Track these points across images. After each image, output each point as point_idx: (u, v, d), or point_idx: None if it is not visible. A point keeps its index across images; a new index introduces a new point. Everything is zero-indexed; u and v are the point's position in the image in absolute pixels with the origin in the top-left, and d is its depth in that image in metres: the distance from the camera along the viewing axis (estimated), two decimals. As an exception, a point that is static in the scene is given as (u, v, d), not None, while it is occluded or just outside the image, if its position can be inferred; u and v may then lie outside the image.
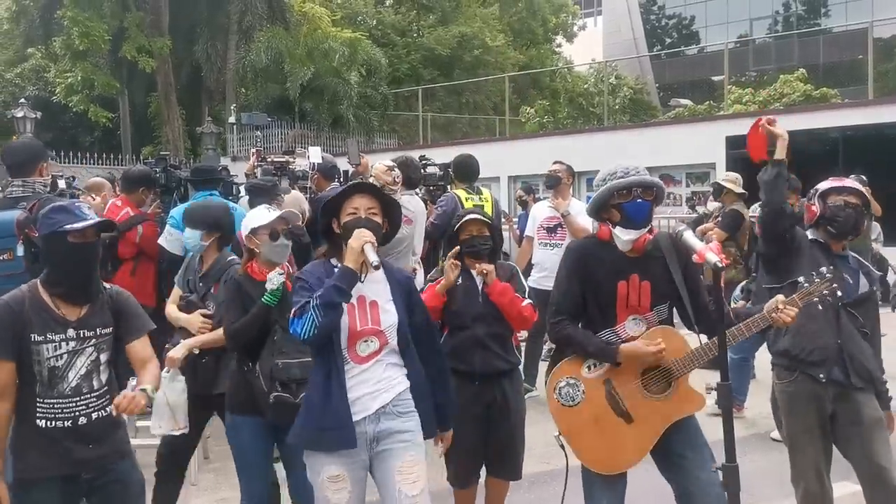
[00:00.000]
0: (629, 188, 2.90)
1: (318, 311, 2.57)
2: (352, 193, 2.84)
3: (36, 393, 2.61)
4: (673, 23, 35.74)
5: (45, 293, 2.67)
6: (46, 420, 2.61)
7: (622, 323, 2.96)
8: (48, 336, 2.61)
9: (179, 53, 22.49)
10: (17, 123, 16.15)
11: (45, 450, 2.60)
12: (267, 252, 3.40)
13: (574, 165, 6.97)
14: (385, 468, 2.75)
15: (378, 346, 2.75)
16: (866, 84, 15.90)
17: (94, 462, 2.69)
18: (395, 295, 2.83)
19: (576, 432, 3.00)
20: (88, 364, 2.67)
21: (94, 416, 2.68)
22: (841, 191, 3.37)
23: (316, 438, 2.72)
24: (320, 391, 2.71)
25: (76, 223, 2.65)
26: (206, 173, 6.06)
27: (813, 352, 3.27)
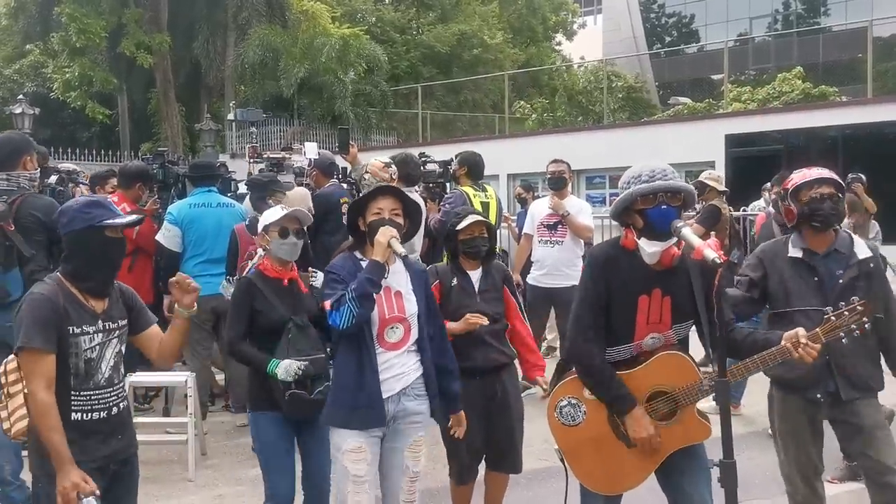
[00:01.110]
0: (654, 194, 2.71)
1: (354, 303, 2.84)
2: (377, 195, 3.09)
3: (70, 386, 2.62)
4: (673, 21, 35.70)
5: (72, 286, 2.69)
6: (82, 413, 2.64)
7: (640, 340, 2.84)
8: (84, 328, 2.65)
9: (178, 50, 22.44)
10: (15, 119, 16.12)
11: (82, 443, 2.60)
12: (276, 249, 3.45)
13: (573, 163, 6.97)
14: (397, 444, 3.05)
15: (403, 332, 3.03)
16: (865, 83, 15.89)
17: (123, 452, 2.76)
18: (415, 286, 3.11)
19: (575, 452, 2.95)
20: (115, 355, 2.74)
21: (122, 406, 2.78)
22: (812, 184, 3.25)
23: (348, 417, 2.96)
24: (353, 374, 2.96)
25: (114, 219, 2.72)
26: (204, 169, 6.06)
27: (802, 376, 3.18)
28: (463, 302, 3.66)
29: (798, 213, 3.27)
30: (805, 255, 3.29)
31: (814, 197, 3.22)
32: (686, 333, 2.91)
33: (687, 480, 2.83)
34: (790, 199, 3.30)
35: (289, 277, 3.48)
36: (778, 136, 15.26)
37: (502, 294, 3.81)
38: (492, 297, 3.75)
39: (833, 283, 3.21)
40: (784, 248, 3.35)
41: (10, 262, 3.99)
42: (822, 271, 3.24)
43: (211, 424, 5.64)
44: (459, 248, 3.74)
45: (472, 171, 6.21)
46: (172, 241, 5.55)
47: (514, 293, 3.88)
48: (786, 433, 3.39)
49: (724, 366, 2.54)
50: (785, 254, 3.33)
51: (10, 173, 4.13)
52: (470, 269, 3.77)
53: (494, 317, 3.70)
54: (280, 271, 3.45)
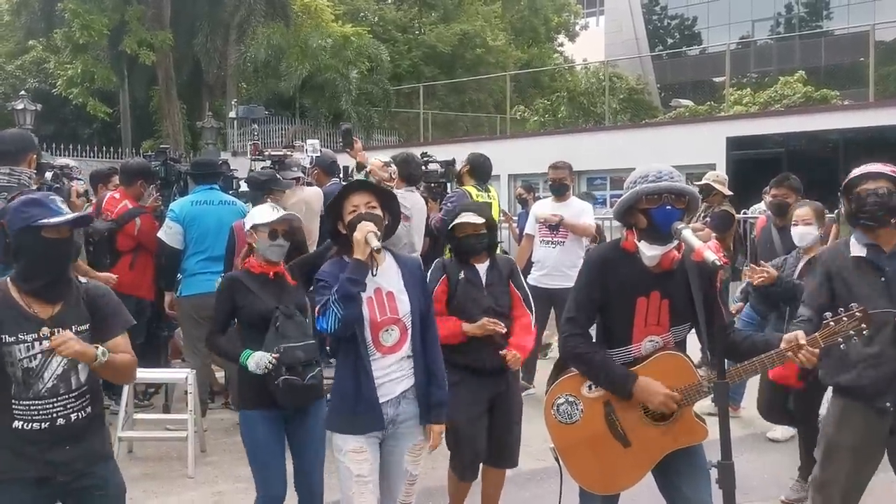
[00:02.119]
0: (659, 194, 2.71)
1: (338, 305, 2.76)
2: (348, 193, 2.99)
3: (11, 394, 2.50)
4: (675, 23, 35.71)
5: (16, 291, 2.55)
6: (23, 422, 2.51)
7: (639, 343, 2.83)
8: (20, 336, 2.49)
9: (181, 48, 22.43)
10: (17, 115, 16.14)
11: (20, 451, 2.51)
12: (263, 249, 3.46)
13: (574, 164, 6.98)
14: (397, 446, 3.01)
15: (399, 335, 2.95)
16: (867, 87, 15.90)
17: (71, 464, 2.58)
18: (407, 283, 3.00)
19: (571, 450, 2.95)
20: (65, 363, 2.54)
21: (73, 417, 2.57)
22: (862, 178, 3.10)
23: (350, 423, 2.93)
24: (351, 380, 2.91)
25: (51, 218, 2.52)
26: (206, 167, 6.07)
27: (872, 384, 3.03)
28: (470, 295, 3.66)
29: (847, 210, 3.17)
30: (870, 252, 3.11)
31: (860, 194, 3.07)
32: (684, 336, 2.90)
33: (685, 482, 2.82)
34: (843, 195, 3.17)
35: (275, 271, 3.47)
36: (779, 139, 15.26)
37: (508, 287, 3.79)
38: (499, 291, 3.73)
39: None
40: (845, 249, 3.19)
41: (9, 260, 3.99)
42: (889, 270, 3.05)
43: (210, 421, 5.65)
44: (456, 246, 3.76)
45: (475, 171, 6.22)
46: (174, 238, 5.55)
47: (520, 286, 3.85)
48: (841, 445, 3.18)
49: (723, 368, 2.54)
50: (846, 254, 3.16)
51: (13, 169, 4.15)
52: (476, 262, 3.75)
53: (501, 311, 3.69)
54: (265, 266, 3.46)
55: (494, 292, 3.71)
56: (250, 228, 3.50)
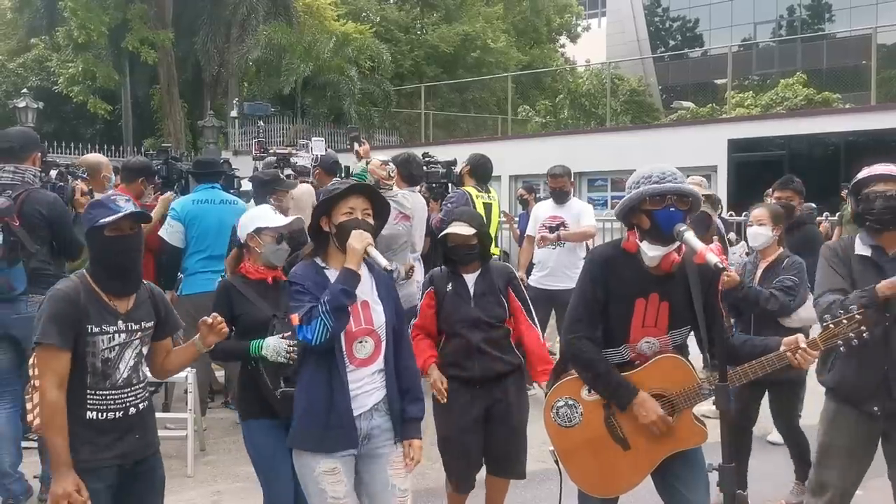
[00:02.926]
0: (663, 195, 2.70)
1: (328, 317, 2.60)
2: (349, 194, 2.81)
3: (87, 385, 2.60)
4: (677, 25, 35.73)
5: (97, 285, 2.68)
6: (98, 412, 2.62)
7: (635, 343, 2.83)
8: (103, 328, 2.62)
9: (182, 46, 22.44)
10: (18, 114, 16.16)
11: (96, 441, 2.61)
12: (269, 254, 3.38)
13: (575, 166, 7.00)
14: (377, 462, 2.82)
15: (373, 346, 2.79)
16: (869, 90, 15.90)
17: (139, 452, 2.72)
18: (380, 293, 2.86)
19: (570, 453, 2.93)
20: (136, 356, 2.70)
21: (140, 407, 2.73)
22: (869, 181, 3.10)
23: (320, 439, 2.73)
24: (322, 393, 2.72)
25: (107, 217, 2.64)
26: (207, 166, 6.07)
27: (858, 387, 3.06)
28: (456, 308, 3.57)
29: (855, 211, 3.18)
30: (874, 253, 3.13)
31: (868, 196, 3.08)
32: (683, 340, 2.89)
33: (684, 485, 2.82)
34: (851, 195, 3.19)
35: (273, 276, 3.40)
36: (780, 141, 15.26)
37: (503, 297, 3.66)
38: (489, 302, 3.61)
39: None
40: (851, 246, 3.20)
41: (14, 257, 4.02)
42: (889, 272, 3.04)
43: (210, 421, 5.65)
44: (447, 254, 3.67)
45: (476, 171, 6.23)
46: (175, 237, 5.55)
47: (520, 294, 3.74)
48: (833, 446, 3.21)
49: (725, 370, 2.54)
50: (853, 251, 3.18)
51: (17, 166, 4.16)
52: (465, 272, 3.65)
53: (491, 321, 3.58)
54: (263, 272, 3.38)
55: (484, 303, 3.59)
56: (253, 231, 3.39)
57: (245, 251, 3.44)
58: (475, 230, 3.62)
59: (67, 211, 4.45)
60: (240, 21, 22.09)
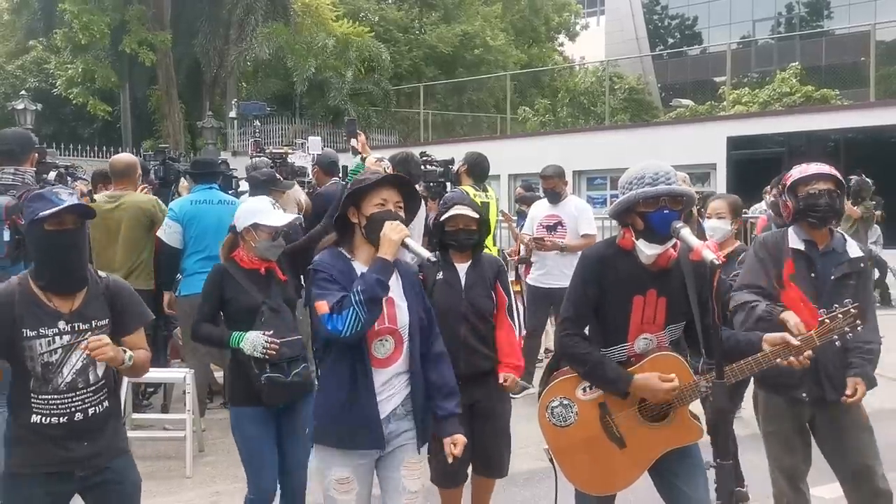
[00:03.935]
0: (656, 198, 2.70)
1: (362, 307, 2.49)
2: (382, 185, 2.70)
3: (30, 388, 2.51)
4: (676, 23, 35.67)
5: (36, 286, 2.55)
6: (41, 416, 2.52)
7: (632, 341, 2.83)
8: (40, 331, 2.50)
9: (181, 48, 22.45)
10: (17, 115, 16.17)
11: (39, 445, 2.53)
12: (264, 249, 3.41)
13: (574, 164, 7.02)
14: (392, 463, 2.75)
15: (393, 346, 2.69)
16: (868, 86, 15.90)
17: (89, 459, 2.59)
18: (406, 291, 2.75)
19: (566, 453, 2.93)
20: (84, 358, 2.54)
21: (90, 412, 2.58)
22: (809, 180, 3.19)
23: (341, 435, 2.66)
24: (346, 390, 2.63)
25: (48, 209, 2.48)
26: (205, 166, 6.06)
27: (786, 374, 3.06)
28: (447, 298, 3.51)
29: (794, 208, 3.24)
30: (807, 247, 3.23)
31: (811, 192, 3.17)
32: (678, 335, 2.89)
33: (683, 481, 2.82)
34: (787, 194, 3.27)
35: (266, 266, 3.43)
36: (779, 138, 15.27)
37: (493, 289, 3.63)
38: (479, 294, 3.57)
39: (826, 281, 3.16)
40: (783, 240, 3.28)
41: (18, 255, 4.05)
42: (819, 268, 3.19)
43: (209, 421, 5.63)
44: (445, 239, 3.60)
45: (473, 170, 6.21)
46: (173, 237, 5.54)
47: (506, 289, 3.71)
48: (771, 434, 3.35)
49: (721, 367, 2.54)
50: (785, 245, 3.26)
51: (18, 168, 4.22)
52: (458, 261, 3.61)
53: (480, 314, 3.56)
54: (256, 262, 3.41)
55: (474, 295, 3.56)
56: (250, 225, 3.38)
57: (240, 239, 3.46)
58: (478, 214, 3.62)
59: None
60: (238, 22, 22.09)
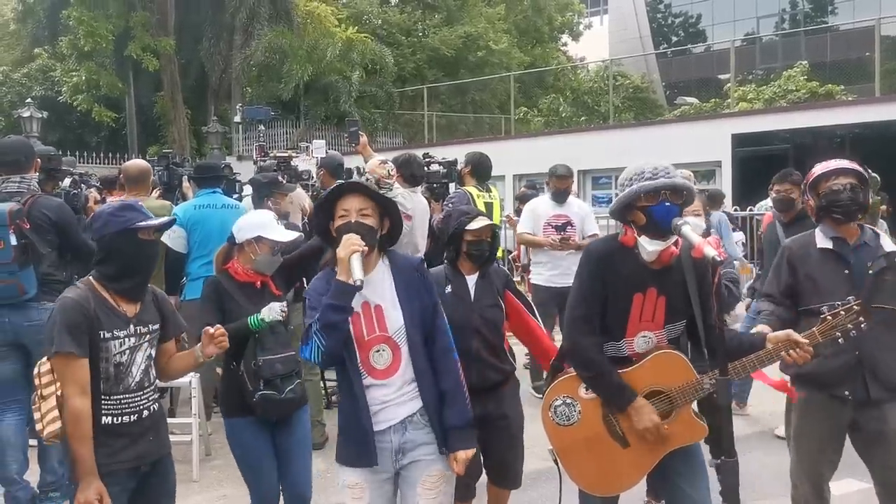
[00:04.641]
0: (657, 191, 2.69)
1: (320, 336, 2.48)
2: (342, 193, 2.63)
3: (101, 390, 2.63)
4: (679, 21, 35.65)
5: (104, 290, 2.70)
6: (112, 416, 2.65)
7: (632, 338, 2.82)
8: (115, 333, 2.66)
9: (185, 53, 22.55)
10: (23, 123, 16.23)
11: (112, 445, 2.63)
12: (263, 263, 3.38)
13: (579, 164, 7.01)
14: (409, 481, 2.65)
15: (391, 355, 2.60)
16: (873, 82, 15.82)
17: (153, 454, 2.76)
18: (401, 291, 2.64)
19: (569, 452, 2.91)
20: (146, 359, 2.74)
21: (153, 409, 2.77)
22: (829, 175, 3.16)
23: (346, 454, 2.67)
24: (347, 407, 2.66)
25: (147, 221, 2.73)
26: (209, 171, 6.07)
27: (830, 373, 3.05)
28: (458, 311, 3.43)
29: (817, 206, 3.20)
30: (835, 244, 3.17)
31: (832, 188, 3.13)
32: (678, 333, 2.87)
33: (685, 481, 2.80)
34: (809, 191, 3.23)
35: (261, 281, 3.40)
36: (785, 135, 15.21)
37: (501, 301, 3.59)
38: (488, 305, 3.53)
39: (863, 275, 3.08)
40: (812, 240, 3.24)
41: (25, 259, 4.08)
42: (854, 262, 3.11)
43: (215, 425, 5.63)
44: (464, 248, 3.52)
45: (476, 170, 6.21)
46: (178, 242, 5.55)
47: (519, 295, 3.70)
48: (804, 434, 3.26)
49: (725, 364, 2.52)
50: (813, 246, 3.22)
51: (24, 176, 4.29)
52: (468, 273, 3.56)
53: (492, 325, 3.52)
54: (252, 275, 3.37)
55: (483, 306, 3.51)
56: (253, 238, 3.34)
57: (236, 250, 3.41)
58: (496, 228, 3.64)
59: (74, 216, 4.56)
60: (242, 26, 22.15)
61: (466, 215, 3.62)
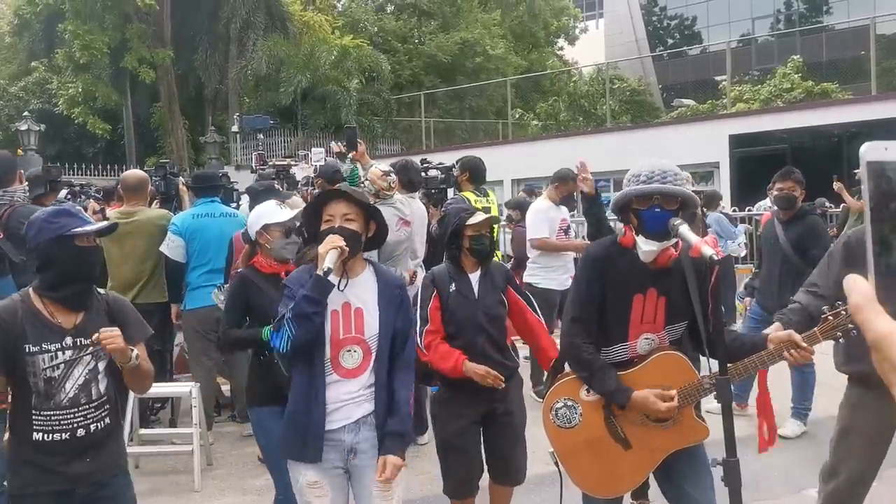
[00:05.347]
0: (648, 196, 2.68)
1: (290, 325, 2.53)
2: (327, 200, 2.75)
3: (32, 405, 2.50)
4: (675, 23, 35.70)
5: (39, 301, 2.56)
6: (43, 433, 2.51)
7: (634, 341, 2.80)
8: (43, 346, 2.50)
9: (182, 64, 22.59)
10: (21, 136, 16.26)
11: (42, 464, 2.51)
12: (279, 249, 3.44)
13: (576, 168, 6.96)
14: (362, 481, 2.71)
15: (361, 357, 2.68)
16: (869, 81, 15.84)
17: (91, 476, 2.58)
18: (382, 301, 2.73)
19: (571, 455, 2.90)
20: (86, 373, 2.56)
21: (92, 428, 2.57)
22: None
23: (300, 449, 2.68)
24: (302, 402, 2.66)
25: (83, 226, 2.58)
26: (206, 180, 6.08)
27: None
28: (462, 308, 3.48)
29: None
30: None
31: None
32: (679, 334, 2.87)
33: (689, 482, 2.79)
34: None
35: (286, 270, 3.42)
36: (782, 135, 15.22)
37: (504, 296, 3.61)
38: (492, 302, 3.55)
39: None
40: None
41: (2, 269, 4.10)
42: None
43: (216, 435, 5.63)
44: (466, 244, 3.53)
45: (473, 175, 6.20)
46: (176, 251, 5.54)
47: (520, 291, 3.72)
48: (853, 429, 3.19)
49: (725, 363, 2.52)
50: None
51: (6, 190, 4.38)
52: (470, 270, 3.57)
53: (496, 322, 3.55)
54: (276, 266, 3.44)
55: (487, 303, 3.53)
56: (261, 228, 3.44)
57: (258, 248, 3.52)
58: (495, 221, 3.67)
59: None
60: (237, 36, 22.21)
61: (465, 212, 3.67)
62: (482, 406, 3.52)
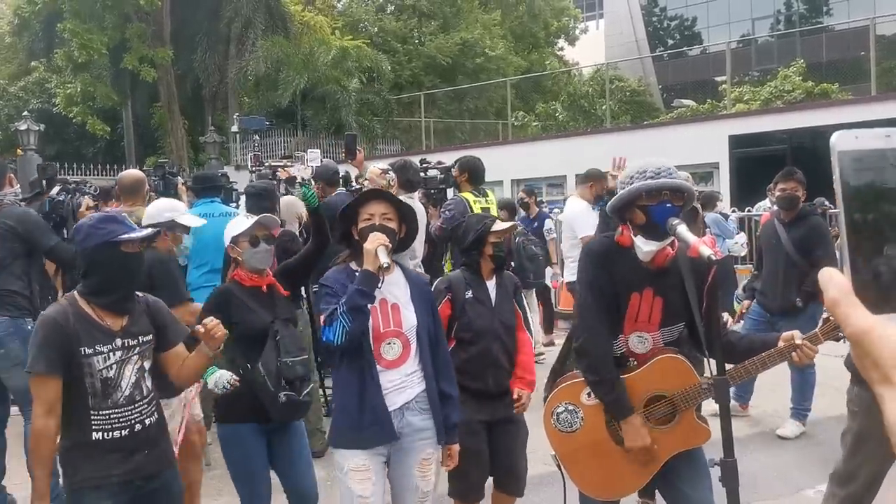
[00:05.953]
0: (659, 190, 2.69)
1: (346, 317, 2.70)
2: (367, 200, 2.93)
3: (89, 406, 2.59)
4: (675, 24, 35.73)
5: (87, 305, 2.65)
6: (103, 432, 2.61)
7: (626, 336, 2.81)
8: (97, 348, 2.61)
9: (182, 64, 22.58)
10: (20, 136, 16.24)
11: (102, 461, 2.60)
12: (249, 259, 3.35)
13: (577, 167, 6.98)
14: (405, 462, 2.88)
15: (401, 348, 2.87)
16: (869, 81, 15.84)
17: (147, 468, 2.71)
18: (414, 297, 2.93)
19: (572, 459, 2.90)
20: (136, 372, 2.69)
21: (147, 422, 2.72)
22: None
23: (356, 437, 2.82)
24: (355, 392, 2.81)
25: (130, 233, 2.68)
26: (206, 181, 6.07)
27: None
28: (479, 315, 3.49)
29: None
30: None
31: None
32: (676, 336, 2.85)
33: (688, 485, 2.79)
34: None
35: (267, 283, 3.39)
36: (782, 135, 15.21)
37: (516, 307, 3.66)
38: (507, 310, 3.59)
39: None
40: None
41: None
42: None
43: (214, 435, 5.60)
44: (489, 251, 3.53)
45: (472, 176, 6.20)
46: (175, 251, 5.54)
47: (520, 303, 3.75)
48: (870, 435, 3.18)
49: (723, 363, 2.51)
50: None
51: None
52: (487, 277, 3.59)
53: (510, 330, 3.56)
54: (256, 279, 3.36)
55: (502, 311, 3.57)
56: (231, 242, 3.37)
57: (233, 260, 3.46)
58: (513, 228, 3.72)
59: (40, 222, 4.54)
60: (238, 36, 22.20)
61: (489, 218, 3.71)
62: (490, 413, 3.52)
